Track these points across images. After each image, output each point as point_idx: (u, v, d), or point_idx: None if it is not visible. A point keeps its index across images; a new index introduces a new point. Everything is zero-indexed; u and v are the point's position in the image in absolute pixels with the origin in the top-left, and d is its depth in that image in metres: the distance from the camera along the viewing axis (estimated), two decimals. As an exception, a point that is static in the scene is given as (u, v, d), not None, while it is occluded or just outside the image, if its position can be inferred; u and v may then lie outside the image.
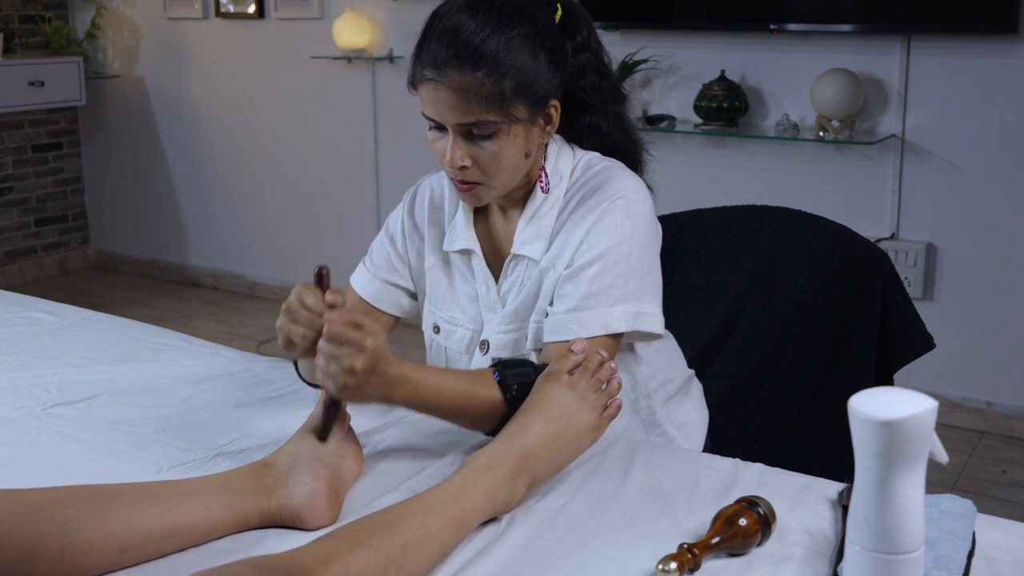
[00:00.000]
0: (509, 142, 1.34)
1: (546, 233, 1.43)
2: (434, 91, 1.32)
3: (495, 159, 1.34)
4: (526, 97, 1.33)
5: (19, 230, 5.04)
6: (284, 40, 4.46)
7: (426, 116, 1.36)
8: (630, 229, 1.37)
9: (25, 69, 4.57)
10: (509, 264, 1.46)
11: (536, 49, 1.33)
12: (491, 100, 1.30)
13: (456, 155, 1.33)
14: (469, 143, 1.34)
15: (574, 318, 1.35)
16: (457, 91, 1.30)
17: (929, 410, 0.83)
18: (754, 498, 1.09)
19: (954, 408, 3.28)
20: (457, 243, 1.48)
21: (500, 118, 1.32)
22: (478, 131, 1.32)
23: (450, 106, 1.31)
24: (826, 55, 3.29)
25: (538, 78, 1.34)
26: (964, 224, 3.22)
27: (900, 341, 1.67)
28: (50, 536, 0.99)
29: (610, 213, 1.38)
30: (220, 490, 1.11)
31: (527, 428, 1.16)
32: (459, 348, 1.50)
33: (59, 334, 1.84)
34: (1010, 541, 1.10)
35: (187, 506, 1.08)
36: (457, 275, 1.50)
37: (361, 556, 0.96)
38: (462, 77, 1.30)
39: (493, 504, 1.11)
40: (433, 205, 1.54)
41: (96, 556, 1.02)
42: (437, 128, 1.36)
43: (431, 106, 1.34)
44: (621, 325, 1.35)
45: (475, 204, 1.42)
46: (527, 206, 1.44)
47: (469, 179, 1.36)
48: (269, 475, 1.14)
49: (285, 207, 4.65)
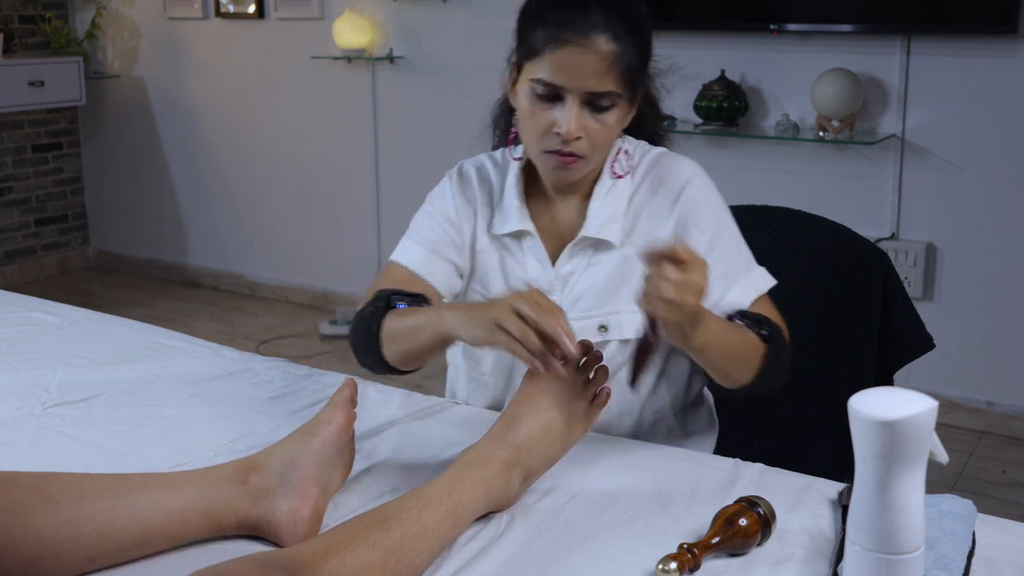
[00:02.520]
0: (619, 118, 1.36)
1: (620, 216, 1.43)
2: (575, 55, 1.29)
3: (606, 133, 1.35)
4: (643, 78, 1.38)
5: (19, 230, 5.04)
6: (284, 40, 4.46)
7: (544, 82, 1.32)
8: (719, 203, 1.43)
9: (25, 69, 4.57)
10: (574, 246, 1.44)
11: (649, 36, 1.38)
12: (627, 73, 1.32)
13: (574, 124, 1.31)
14: (588, 112, 1.33)
15: (730, 298, 1.37)
16: (604, 58, 1.29)
17: (929, 410, 0.83)
18: (754, 498, 1.09)
19: (954, 408, 3.28)
20: (510, 225, 1.46)
21: (623, 91, 1.33)
22: (604, 102, 1.32)
23: (590, 72, 1.30)
24: (826, 55, 3.29)
25: (646, 63, 1.38)
26: (964, 224, 3.22)
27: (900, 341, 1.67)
28: (20, 544, 0.98)
29: (694, 196, 1.41)
30: (199, 494, 1.08)
31: (518, 421, 1.16)
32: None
33: (59, 334, 1.84)
34: (1010, 541, 1.10)
35: (162, 513, 1.05)
36: (508, 257, 1.47)
37: (360, 550, 0.96)
38: (612, 44, 1.30)
39: (488, 497, 1.11)
40: (483, 186, 1.50)
41: (64, 564, 1.01)
42: (546, 98, 1.33)
43: (562, 70, 1.30)
44: (768, 280, 1.40)
45: (568, 180, 1.41)
46: (596, 188, 1.43)
47: (577, 151, 1.34)
48: (256, 478, 1.11)
49: (285, 207, 4.65)
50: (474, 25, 3.93)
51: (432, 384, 3.60)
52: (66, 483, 1.06)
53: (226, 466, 1.14)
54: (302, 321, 4.43)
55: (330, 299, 4.56)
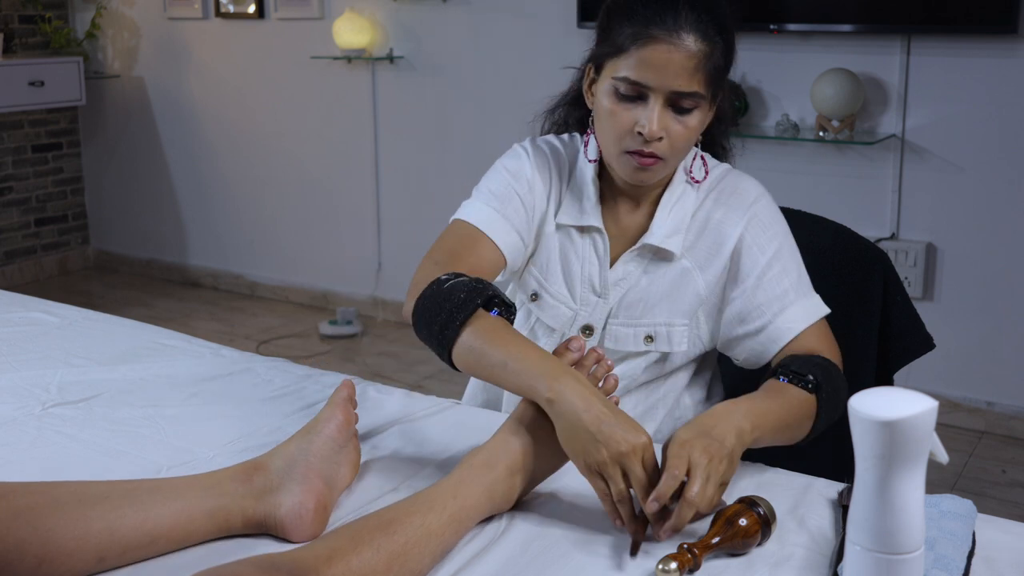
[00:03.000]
0: (701, 120, 1.34)
1: (683, 228, 1.41)
2: (664, 52, 1.27)
3: (687, 135, 1.32)
4: (725, 83, 1.35)
5: (19, 230, 5.04)
6: (284, 40, 4.46)
7: (629, 80, 1.29)
8: (783, 224, 1.42)
9: (25, 69, 4.57)
10: (633, 251, 1.42)
11: (734, 40, 1.35)
12: (714, 75, 1.30)
13: (658, 124, 1.29)
14: (671, 113, 1.31)
15: (785, 318, 1.36)
16: (692, 56, 1.27)
17: (929, 410, 0.83)
18: (754, 498, 1.09)
19: (954, 408, 3.28)
20: (586, 219, 1.43)
21: (707, 93, 1.31)
22: (687, 103, 1.30)
23: (678, 70, 1.27)
24: (826, 55, 3.29)
25: (729, 69, 1.36)
26: (964, 224, 3.22)
27: (900, 341, 1.67)
28: (29, 544, 0.98)
29: (760, 217, 1.40)
30: (205, 494, 1.09)
31: (524, 426, 1.16)
32: (553, 324, 1.45)
33: (59, 334, 1.84)
34: (1010, 541, 1.10)
35: (169, 513, 1.06)
36: (571, 249, 1.45)
37: (364, 554, 0.96)
38: (701, 44, 1.28)
39: (491, 502, 1.11)
40: (558, 165, 1.46)
41: (74, 564, 1.01)
42: (628, 98, 1.31)
43: (649, 68, 1.28)
44: (824, 308, 1.39)
45: (647, 182, 1.37)
46: (666, 194, 1.41)
47: (658, 152, 1.32)
48: (260, 477, 1.12)
49: (285, 207, 4.66)
50: (474, 25, 3.93)
51: (432, 384, 3.61)
52: (74, 488, 1.07)
53: (230, 468, 1.15)
54: (302, 321, 4.43)
55: (330, 299, 4.56)
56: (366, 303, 4.45)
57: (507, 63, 3.87)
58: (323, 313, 4.51)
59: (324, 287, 4.60)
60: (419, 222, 4.13)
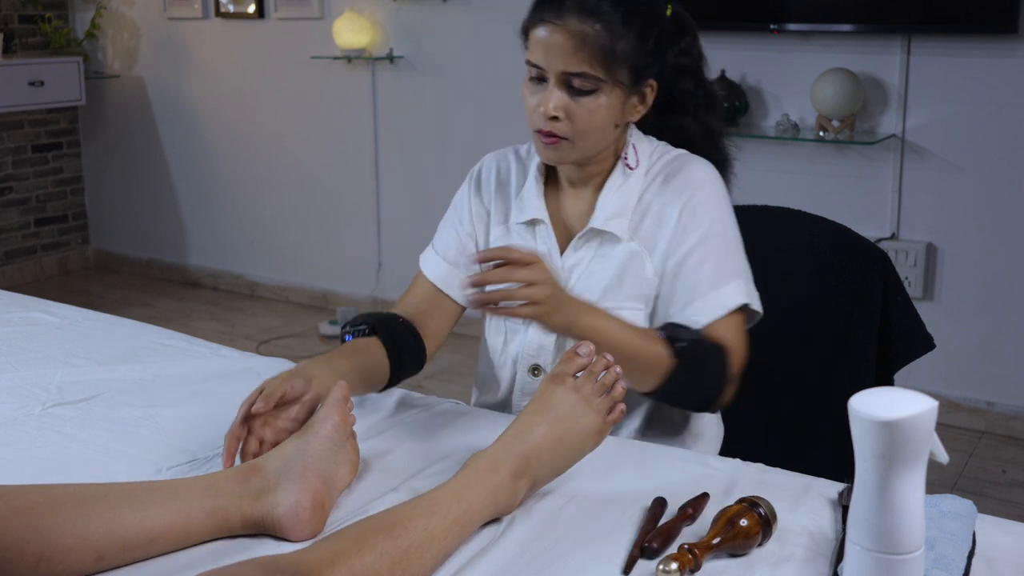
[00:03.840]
0: (605, 104, 1.37)
1: (628, 212, 1.44)
2: (549, 34, 1.35)
3: (588, 116, 1.37)
4: (632, 66, 1.37)
5: (19, 230, 5.04)
6: (284, 40, 4.46)
7: (531, 63, 1.38)
8: (718, 210, 1.42)
9: (25, 69, 4.57)
10: (581, 237, 1.46)
11: (649, 29, 1.38)
12: (601, 55, 1.34)
13: (551, 104, 1.36)
14: (567, 95, 1.36)
15: (694, 310, 1.38)
16: (573, 37, 1.33)
17: (929, 410, 0.83)
18: (755, 498, 1.09)
19: (954, 408, 3.28)
20: (526, 214, 1.49)
21: (604, 76, 1.35)
22: (579, 84, 1.35)
23: (562, 51, 1.34)
24: (826, 55, 3.29)
25: (646, 54, 1.38)
26: (964, 224, 3.22)
27: (900, 341, 1.67)
28: (28, 543, 0.98)
29: (698, 200, 1.41)
30: (203, 495, 1.09)
31: (530, 430, 1.16)
32: (518, 321, 1.49)
33: (59, 334, 1.84)
34: (1010, 541, 1.10)
35: (167, 513, 1.06)
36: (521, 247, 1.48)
37: (367, 558, 0.96)
38: (581, 24, 1.33)
39: (494, 506, 1.11)
40: (500, 181, 1.55)
41: (72, 563, 1.01)
42: (537, 79, 1.38)
43: (541, 50, 1.36)
44: (736, 299, 1.39)
45: (554, 160, 1.43)
46: (608, 181, 1.46)
47: (557, 132, 1.38)
48: (257, 478, 1.12)
49: (285, 207, 4.65)
50: (474, 25, 3.93)
51: (432, 384, 3.60)
52: (72, 489, 1.07)
53: (228, 471, 1.15)
54: (302, 321, 4.43)
55: (330, 299, 4.56)
56: (366, 303, 4.45)
57: (507, 63, 3.86)
58: (323, 313, 4.51)
59: (324, 287, 4.60)
60: (419, 222, 4.12)
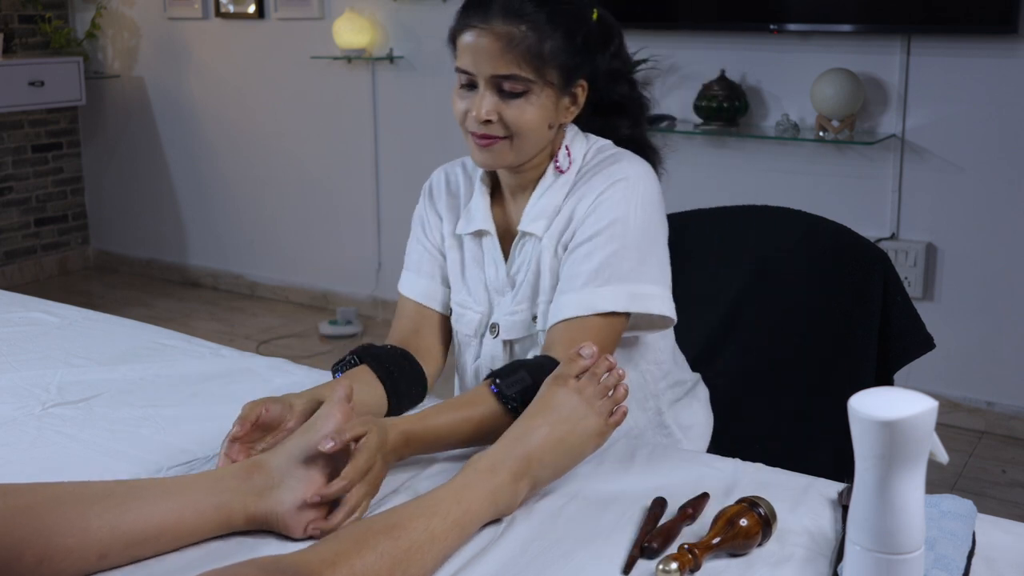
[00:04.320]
0: (536, 105, 1.36)
1: (551, 211, 1.44)
2: (476, 38, 1.34)
3: (521, 118, 1.36)
4: (561, 65, 1.36)
5: (19, 230, 5.04)
6: (284, 40, 4.46)
7: (459, 70, 1.38)
8: (626, 210, 1.38)
9: (25, 69, 4.57)
10: (517, 244, 1.46)
11: (576, 29, 1.38)
12: (529, 56, 1.33)
13: (484, 108, 1.35)
14: (499, 99, 1.36)
15: (562, 301, 1.37)
16: (499, 40, 1.33)
17: (929, 410, 0.83)
18: (755, 498, 1.08)
19: (954, 408, 3.28)
20: (473, 225, 1.49)
21: (533, 77, 1.35)
22: (510, 86, 1.35)
23: (489, 55, 1.34)
24: (826, 55, 3.29)
25: (575, 53, 1.38)
26: (964, 224, 3.22)
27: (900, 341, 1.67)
28: (29, 543, 0.98)
29: (606, 195, 1.39)
30: (207, 491, 1.09)
31: (532, 431, 1.16)
32: (468, 331, 1.51)
33: (59, 334, 1.84)
34: (1010, 541, 1.10)
35: (171, 509, 1.06)
36: (469, 258, 1.51)
37: (368, 558, 0.96)
38: (507, 26, 1.33)
39: (494, 507, 1.11)
40: (450, 191, 1.55)
41: (75, 562, 1.01)
42: (467, 86, 1.38)
43: (469, 55, 1.35)
44: (607, 304, 1.35)
45: (491, 163, 1.42)
46: (539, 184, 1.45)
47: (492, 133, 1.37)
48: (260, 476, 1.11)
49: (285, 207, 4.65)
50: (474, 25, 3.92)
51: (432, 384, 3.60)
52: (74, 487, 1.07)
53: (231, 467, 1.15)
54: (302, 321, 4.43)
55: (330, 299, 4.56)
56: (366, 303, 4.45)
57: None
58: (323, 313, 4.51)
59: (324, 287, 4.60)
60: (419, 222, 4.12)
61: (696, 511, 1.13)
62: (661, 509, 1.15)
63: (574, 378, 1.20)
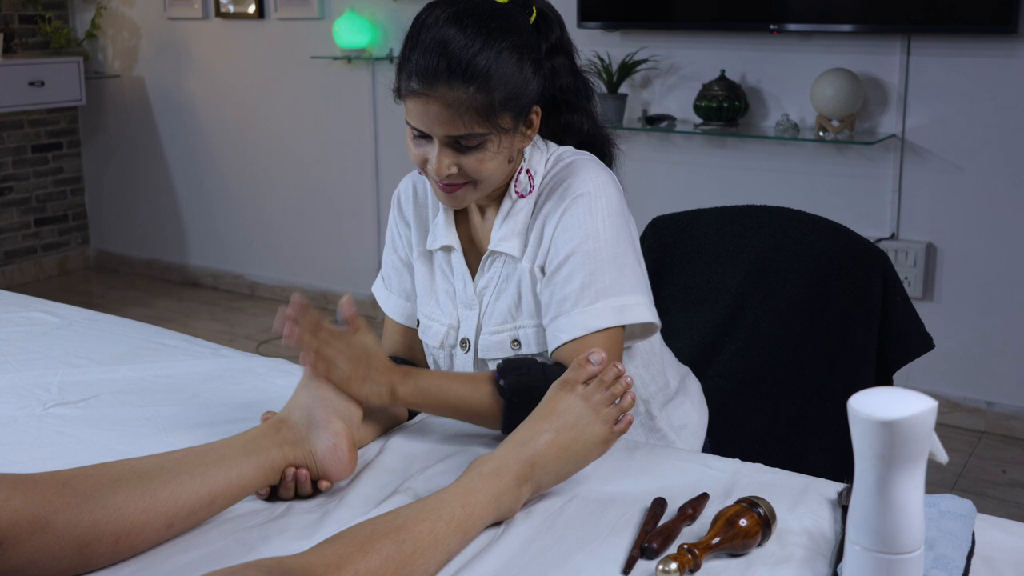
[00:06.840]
0: (494, 151, 1.35)
1: (521, 229, 1.43)
2: (423, 104, 1.31)
3: (480, 166, 1.35)
4: (513, 108, 1.34)
5: (19, 230, 5.04)
6: (284, 40, 4.46)
7: (410, 125, 1.36)
8: (593, 225, 1.37)
9: (25, 69, 4.57)
10: (486, 261, 1.46)
11: (522, 60, 1.34)
12: (480, 113, 1.30)
13: (443, 164, 1.34)
14: (455, 153, 1.34)
15: (558, 325, 1.36)
16: (448, 106, 1.30)
17: (929, 410, 0.83)
18: (755, 499, 1.09)
19: (954, 408, 3.28)
20: (439, 240, 1.49)
21: (488, 130, 1.32)
22: (465, 142, 1.33)
23: (440, 120, 1.31)
24: (826, 55, 3.29)
25: (524, 88, 1.34)
26: (964, 224, 3.22)
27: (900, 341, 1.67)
28: (105, 524, 1.03)
29: (571, 213, 1.38)
30: (246, 451, 1.17)
31: (537, 436, 1.16)
32: (434, 343, 1.51)
33: (59, 334, 1.84)
34: (1010, 541, 1.10)
35: (221, 474, 1.13)
36: (437, 271, 1.51)
37: (372, 561, 0.97)
38: (452, 92, 1.29)
39: (497, 511, 1.11)
40: (417, 200, 1.55)
41: (147, 535, 1.06)
42: (421, 136, 1.36)
43: (419, 118, 1.34)
44: (602, 321, 1.35)
45: (458, 206, 1.42)
46: (502, 205, 1.44)
47: (454, 182, 1.37)
48: (287, 429, 1.21)
49: (285, 207, 4.66)
50: (474, 25, 3.92)
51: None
52: (128, 465, 1.11)
53: (261, 427, 1.23)
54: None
55: (330, 299, 4.56)
56: (366, 303, 4.45)
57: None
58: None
59: (324, 287, 4.60)
60: (419, 222, 4.12)
61: (696, 511, 1.13)
62: (661, 509, 1.15)
63: (582, 384, 1.20)
